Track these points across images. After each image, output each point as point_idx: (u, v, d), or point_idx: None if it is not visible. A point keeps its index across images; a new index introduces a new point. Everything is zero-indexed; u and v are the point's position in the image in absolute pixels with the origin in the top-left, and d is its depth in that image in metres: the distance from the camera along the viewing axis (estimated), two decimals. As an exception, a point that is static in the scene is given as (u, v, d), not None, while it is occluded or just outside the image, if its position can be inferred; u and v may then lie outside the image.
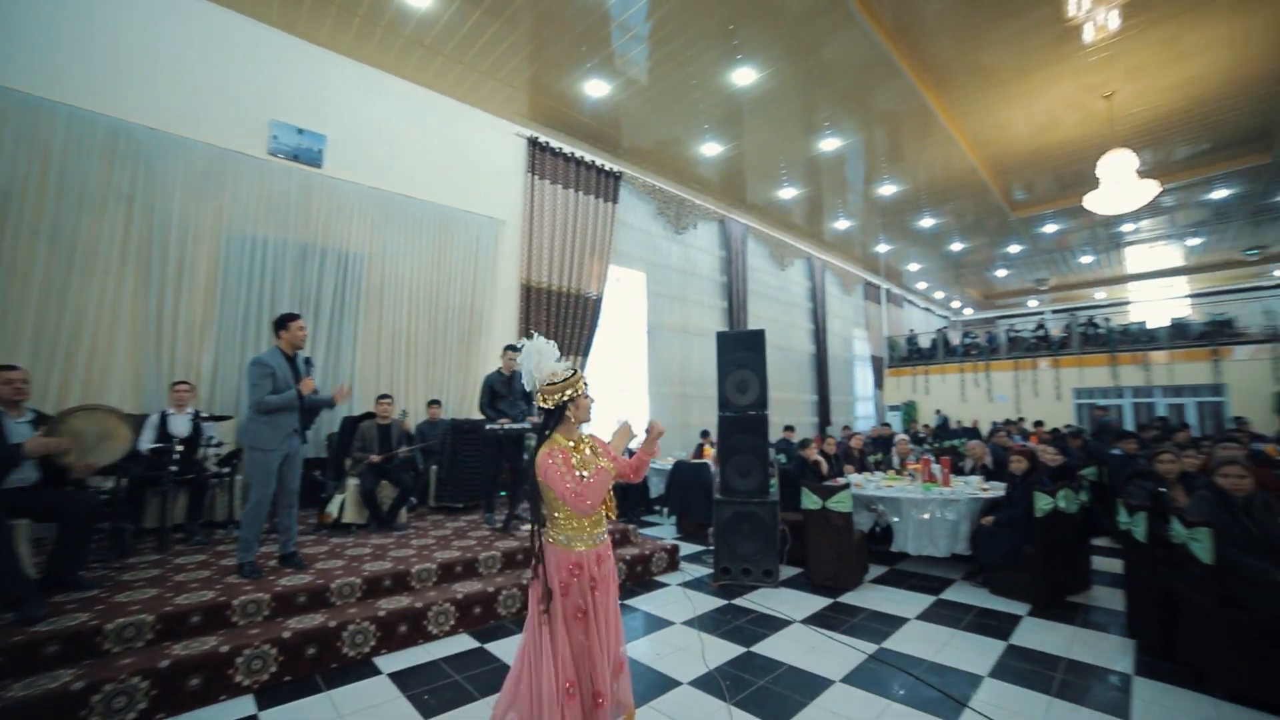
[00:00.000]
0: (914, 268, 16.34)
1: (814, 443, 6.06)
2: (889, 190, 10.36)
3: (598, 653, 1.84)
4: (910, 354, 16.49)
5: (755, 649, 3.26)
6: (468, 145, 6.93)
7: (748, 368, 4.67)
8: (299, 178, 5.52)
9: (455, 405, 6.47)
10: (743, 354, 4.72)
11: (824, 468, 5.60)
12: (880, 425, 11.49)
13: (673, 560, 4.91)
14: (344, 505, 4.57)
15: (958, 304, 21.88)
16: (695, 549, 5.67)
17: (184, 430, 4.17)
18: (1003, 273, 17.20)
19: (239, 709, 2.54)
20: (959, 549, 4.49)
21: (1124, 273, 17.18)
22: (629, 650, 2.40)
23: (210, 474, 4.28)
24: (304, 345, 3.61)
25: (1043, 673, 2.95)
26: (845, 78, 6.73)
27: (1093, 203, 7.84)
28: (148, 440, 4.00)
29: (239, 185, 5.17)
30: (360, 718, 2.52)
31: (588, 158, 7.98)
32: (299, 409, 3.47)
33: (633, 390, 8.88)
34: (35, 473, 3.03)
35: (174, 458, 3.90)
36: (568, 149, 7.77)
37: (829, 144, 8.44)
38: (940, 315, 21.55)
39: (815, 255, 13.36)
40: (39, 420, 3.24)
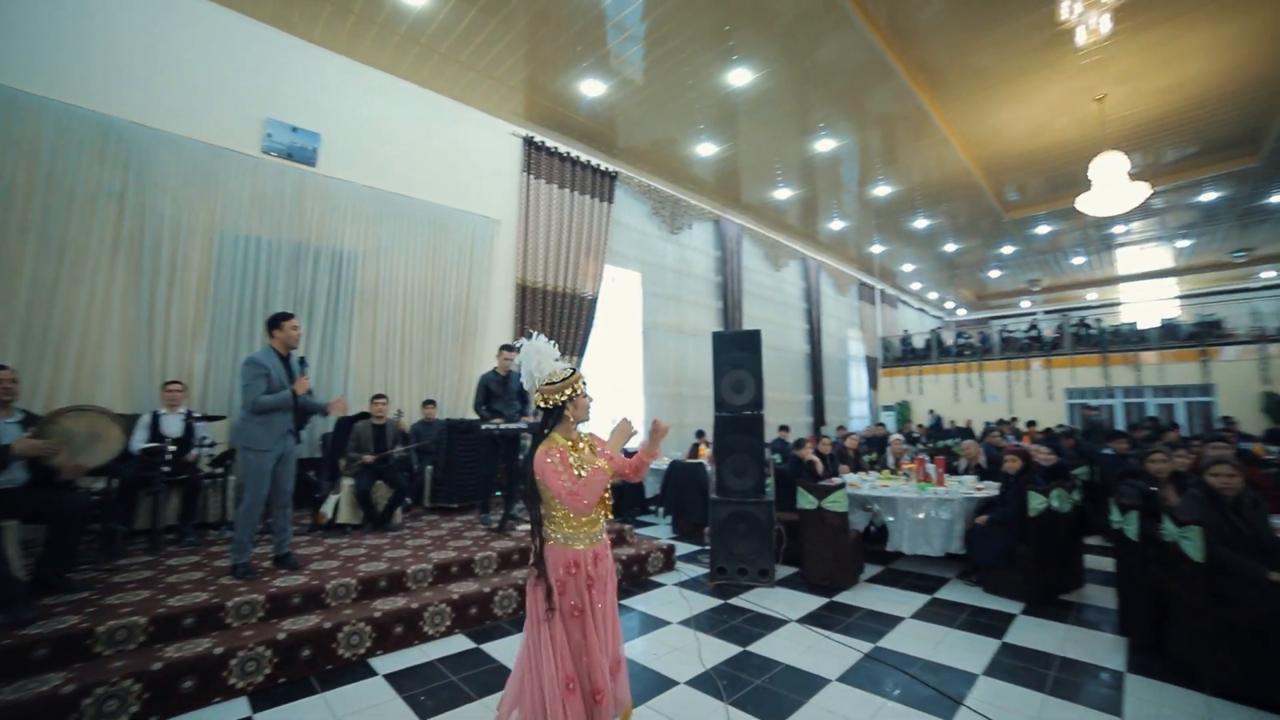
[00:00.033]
0: (908, 268, 16.44)
1: (809, 442, 6.08)
2: (883, 191, 10.42)
3: (596, 650, 1.84)
4: (904, 354, 16.58)
5: (752, 648, 3.27)
6: (463, 144, 6.90)
7: (743, 368, 4.67)
8: (293, 176, 5.48)
9: (450, 405, 6.45)
10: (738, 354, 4.73)
11: (819, 467, 5.62)
12: (875, 425, 11.54)
13: (668, 560, 4.91)
14: (339, 506, 4.54)
15: (951, 304, 22.04)
16: (691, 549, 5.68)
17: (177, 430, 4.14)
18: (996, 273, 17.34)
19: (233, 712, 2.52)
20: (953, 548, 4.52)
21: (1115, 274, 17.37)
22: (626, 650, 2.39)
23: (203, 474, 4.25)
24: (298, 345, 3.59)
25: (1036, 670, 2.97)
26: (840, 79, 6.76)
27: (1085, 204, 7.91)
28: (140, 440, 3.97)
29: (232, 183, 5.13)
30: (356, 719, 2.50)
31: (583, 157, 7.97)
32: (293, 409, 3.45)
33: (628, 390, 8.88)
34: (24, 474, 3.00)
35: (166, 458, 3.87)
36: (563, 148, 7.76)
37: (824, 145, 8.48)
38: (934, 316, 21.69)
39: (810, 256, 13.40)
40: (28, 420, 3.21)
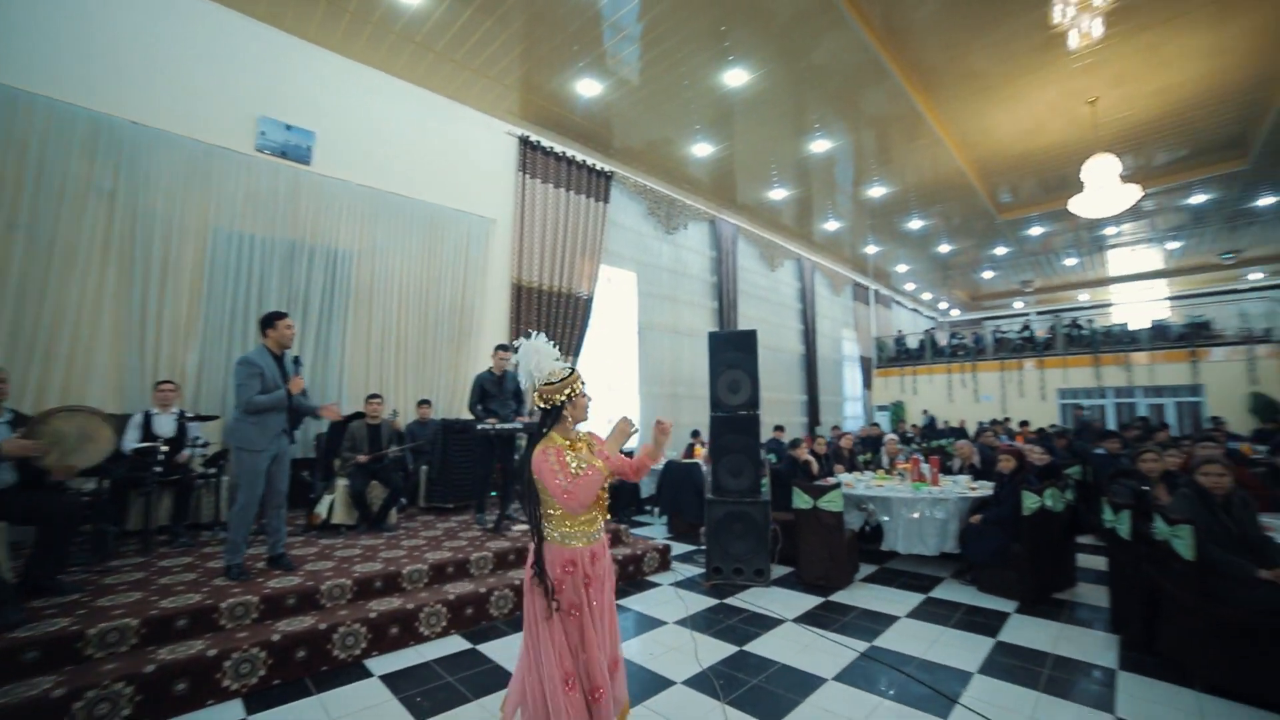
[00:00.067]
0: (902, 269, 16.52)
1: (804, 443, 6.09)
2: (878, 192, 10.46)
3: (594, 648, 1.84)
4: (898, 354, 16.66)
5: (748, 648, 3.27)
6: (459, 144, 6.87)
7: (739, 368, 4.68)
8: (287, 174, 5.44)
9: (446, 405, 6.42)
10: (734, 354, 4.73)
11: (814, 467, 5.64)
12: (869, 425, 11.59)
13: (664, 560, 4.91)
14: (333, 506, 4.52)
15: (945, 305, 22.17)
16: (686, 549, 5.68)
17: (169, 430, 4.10)
18: (989, 274, 17.45)
19: (227, 714, 2.50)
20: (948, 547, 4.54)
21: (1107, 275, 17.53)
22: (622, 650, 2.39)
23: (196, 475, 4.21)
24: (292, 344, 3.56)
25: (1030, 668, 3.00)
26: (836, 80, 6.79)
27: (1077, 206, 7.98)
28: (132, 440, 3.93)
29: (225, 181, 5.08)
30: (351, 721, 2.49)
31: (579, 157, 7.96)
32: (287, 409, 3.43)
33: (623, 390, 8.87)
34: (13, 475, 2.96)
35: (159, 458, 3.84)
36: (559, 148, 7.75)
37: (819, 145, 8.50)
38: (928, 316, 21.80)
39: (805, 256, 13.44)
40: (17, 421, 3.17)
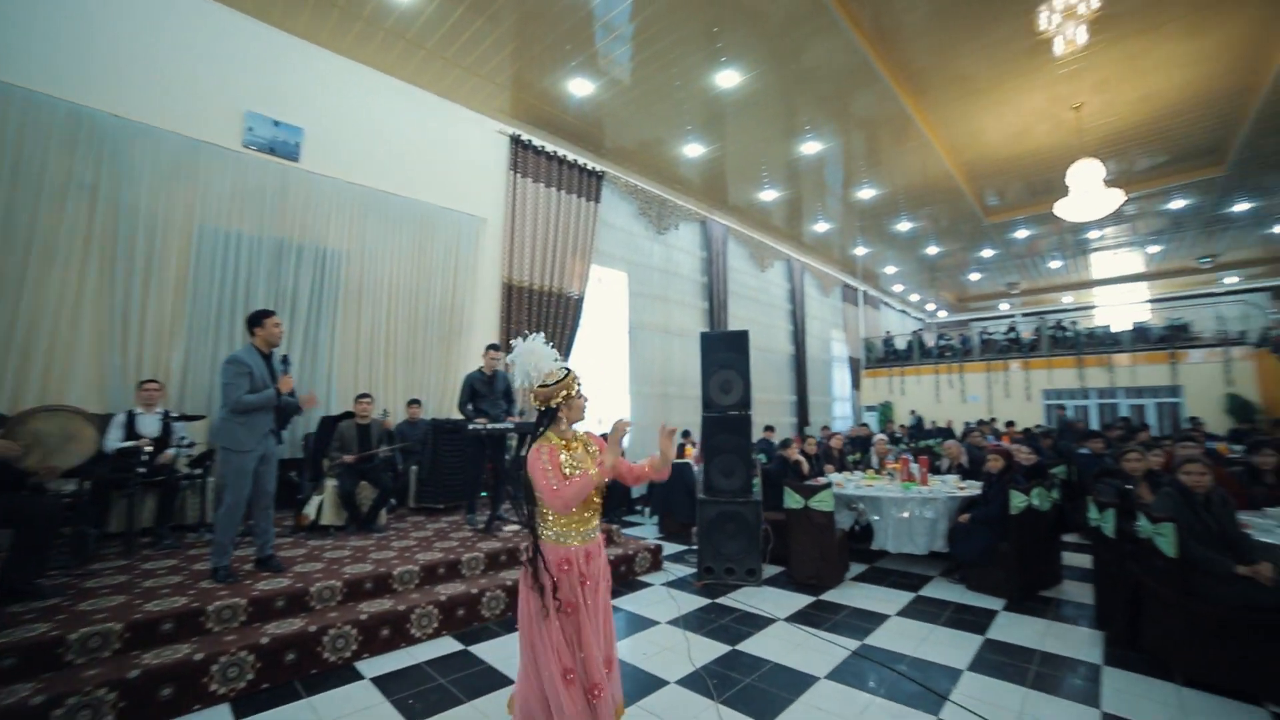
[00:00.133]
0: (891, 270, 16.68)
1: (795, 443, 6.13)
2: (867, 194, 10.56)
3: (591, 647, 1.83)
4: (886, 355, 16.81)
5: (740, 647, 3.29)
6: (449, 142, 6.83)
7: (731, 368, 4.70)
8: (275, 171, 5.37)
9: (436, 405, 6.37)
10: (726, 354, 4.75)
11: (805, 467, 5.67)
12: (858, 425, 11.69)
13: (656, 560, 4.91)
14: (322, 506, 4.46)
15: (933, 306, 22.42)
16: (678, 548, 5.69)
17: (153, 430, 4.03)
18: (976, 276, 17.69)
19: (215, 719, 2.46)
20: (937, 546, 4.60)
21: (1090, 278, 17.84)
22: (616, 649, 2.39)
23: (181, 476, 4.14)
24: (280, 343, 3.51)
25: (1018, 665, 3.04)
26: (826, 82, 6.84)
27: (1063, 210, 8.11)
28: (115, 440, 3.85)
29: (212, 177, 5.00)
30: (342, 724, 2.46)
31: (570, 156, 7.94)
32: (275, 408, 3.39)
33: (614, 390, 8.86)
34: (-8, 476, 2.89)
35: (142, 458, 3.76)
36: (550, 147, 7.72)
37: (809, 147, 8.56)
38: (916, 317, 22.04)
39: (795, 257, 13.53)
40: (-4, 421, 3.09)
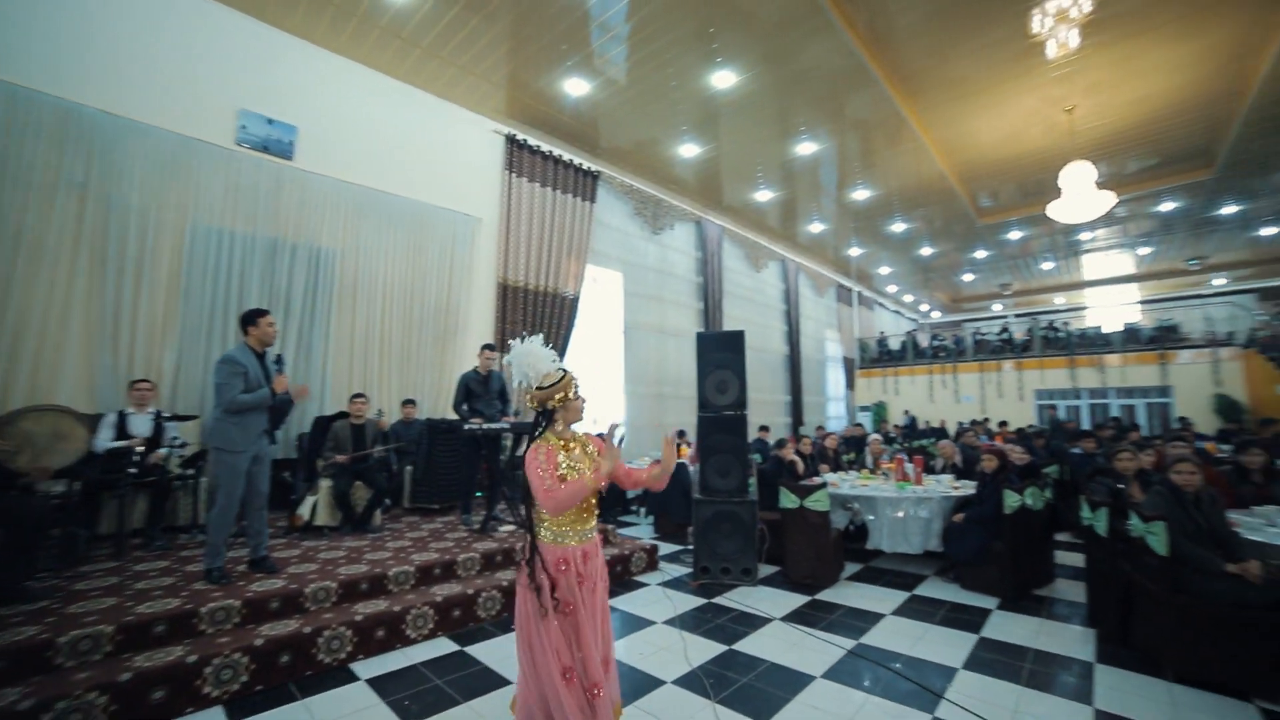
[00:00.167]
0: (885, 271, 16.77)
1: (790, 443, 6.15)
2: (862, 195, 10.61)
3: (589, 646, 1.83)
4: (880, 355, 16.90)
5: (736, 647, 3.29)
6: (444, 141, 6.80)
7: (727, 368, 4.70)
8: (269, 170, 5.33)
9: (431, 405, 6.35)
10: (722, 354, 4.75)
11: (800, 467, 5.68)
12: (853, 425, 11.74)
13: (652, 560, 4.91)
14: (316, 507, 4.43)
15: (926, 307, 22.56)
16: (673, 549, 5.69)
17: (145, 431, 3.99)
18: (969, 277, 17.82)
19: (207, 721, 2.44)
20: (932, 546, 4.62)
21: (1081, 279, 18.00)
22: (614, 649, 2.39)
23: (173, 476, 4.10)
24: (274, 342, 3.49)
25: (1012, 663, 3.06)
26: (821, 83, 6.87)
27: (1055, 211, 8.18)
28: (105, 440, 3.81)
29: (204, 175, 4.96)
30: (337, 726, 2.45)
31: (566, 156, 7.93)
32: (269, 408, 3.36)
33: (609, 390, 8.86)
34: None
35: (134, 459, 3.73)
36: (546, 147, 7.71)
37: (804, 148, 8.59)
38: (910, 318, 22.16)
39: (789, 258, 13.57)
40: (-16, 421, 3.05)
